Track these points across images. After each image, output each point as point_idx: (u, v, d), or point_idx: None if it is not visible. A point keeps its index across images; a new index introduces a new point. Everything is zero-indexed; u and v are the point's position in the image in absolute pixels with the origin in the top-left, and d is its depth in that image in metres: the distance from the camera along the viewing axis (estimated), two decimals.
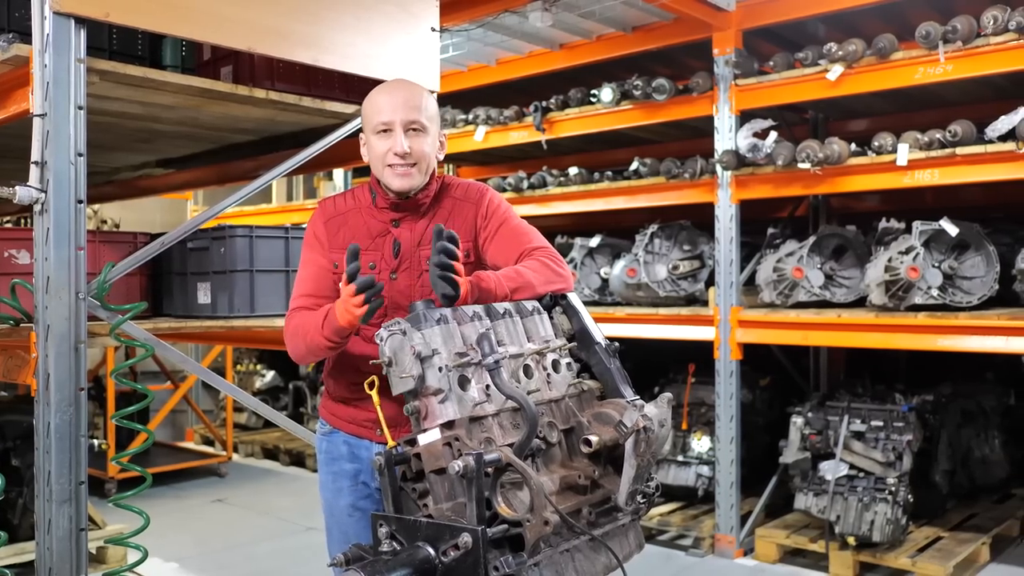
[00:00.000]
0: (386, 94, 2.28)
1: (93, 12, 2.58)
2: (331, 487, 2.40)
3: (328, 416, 2.44)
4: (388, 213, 2.30)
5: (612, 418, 1.94)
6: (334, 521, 2.40)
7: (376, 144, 2.26)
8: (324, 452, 2.43)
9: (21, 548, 4.32)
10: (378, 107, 2.26)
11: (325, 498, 2.43)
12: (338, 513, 2.39)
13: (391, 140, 2.23)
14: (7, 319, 2.94)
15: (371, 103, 2.29)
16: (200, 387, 8.47)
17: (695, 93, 5.06)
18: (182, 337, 4.38)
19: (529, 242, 2.30)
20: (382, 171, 2.26)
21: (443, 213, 2.31)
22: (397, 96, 2.26)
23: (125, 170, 4.73)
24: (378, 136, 2.25)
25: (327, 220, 2.33)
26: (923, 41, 4.19)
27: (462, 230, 2.27)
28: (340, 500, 2.38)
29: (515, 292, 2.14)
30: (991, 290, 4.37)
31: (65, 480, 2.58)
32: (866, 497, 4.56)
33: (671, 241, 5.46)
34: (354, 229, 2.30)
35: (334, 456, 2.40)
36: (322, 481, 2.45)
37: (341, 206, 2.35)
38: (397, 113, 2.23)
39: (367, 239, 2.27)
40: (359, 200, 2.35)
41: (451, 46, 5.45)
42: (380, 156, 2.25)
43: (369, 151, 2.30)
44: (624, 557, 1.95)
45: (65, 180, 2.58)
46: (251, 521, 5.86)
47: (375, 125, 2.26)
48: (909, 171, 4.36)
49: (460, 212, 2.32)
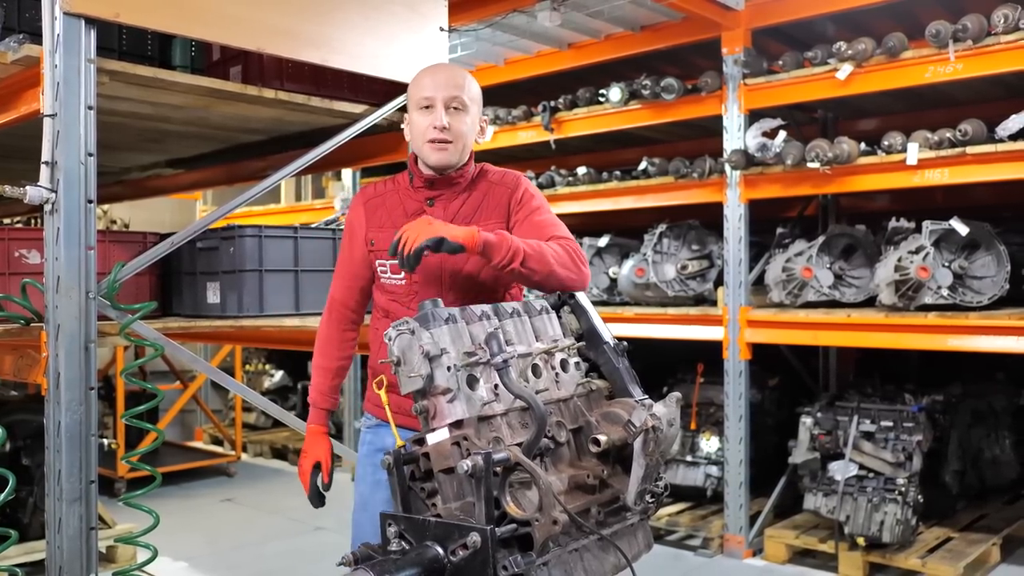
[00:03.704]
0: (430, 73, 2.36)
1: (103, 12, 2.60)
2: (370, 480, 2.41)
3: (374, 409, 2.46)
4: (424, 192, 2.36)
5: (621, 417, 1.93)
6: (366, 516, 2.39)
7: (418, 120, 2.32)
8: (367, 444, 2.46)
9: (32, 547, 4.34)
10: (421, 84, 2.33)
11: (361, 492, 2.45)
12: (372, 507, 2.35)
13: (432, 116, 2.29)
14: (18, 318, 2.95)
15: (415, 82, 2.36)
16: (209, 387, 8.49)
17: (704, 92, 5.04)
18: (192, 337, 4.39)
19: (554, 227, 2.33)
20: (421, 146, 2.32)
21: (478, 195, 2.36)
22: (440, 75, 2.34)
23: (135, 170, 4.75)
24: (420, 112, 2.31)
25: (366, 202, 2.43)
26: (933, 40, 4.17)
27: (496, 212, 2.33)
28: (378, 493, 2.37)
29: (528, 258, 2.10)
30: (1002, 290, 4.35)
31: (75, 479, 2.59)
32: (876, 498, 4.54)
33: (680, 241, 5.45)
34: (391, 208, 2.38)
35: (378, 447, 2.40)
36: (359, 475, 2.47)
37: (380, 189, 2.44)
38: (439, 90, 2.29)
39: (402, 217, 2.33)
40: (398, 183, 2.43)
41: (459, 46, 5.45)
42: (421, 131, 2.31)
43: (411, 128, 2.37)
44: (633, 557, 1.94)
45: (75, 180, 2.60)
46: (260, 521, 5.87)
47: (418, 100, 2.32)
48: (919, 170, 4.34)
49: (495, 194, 2.36)
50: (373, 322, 2.44)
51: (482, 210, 2.33)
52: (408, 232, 2.06)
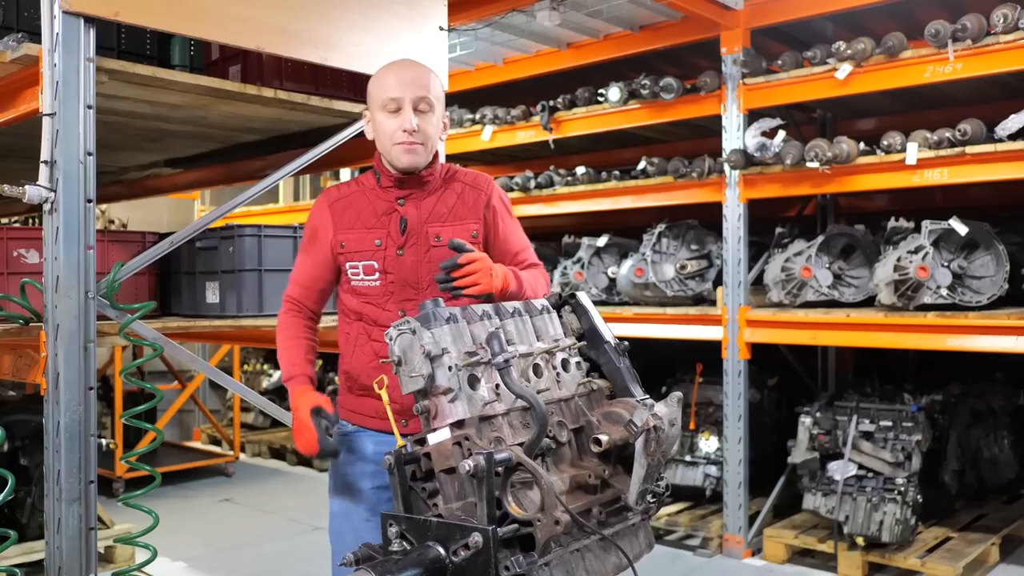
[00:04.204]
0: (394, 71, 2.28)
1: (103, 11, 2.59)
2: (350, 491, 2.33)
3: (349, 415, 2.36)
4: (393, 192, 2.32)
5: (622, 417, 1.93)
6: (349, 526, 2.31)
7: (384, 121, 2.27)
8: (344, 454, 2.34)
9: (30, 547, 4.33)
10: (386, 84, 2.26)
11: (341, 503, 2.34)
12: (355, 517, 2.31)
13: (400, 118, 2.24)
14: (17, 318, 2.94)
15: (379, 81, 2.29)
16: (207, 387, 8.48)
17: (703, 92, 5.04)
18: (191, 337, 4.38)
19: (525, 247, 2.44)
20: (389, 149, 2.27)
21: (451, 195, 2.35)
22: (406, 74, 2.27)
23: (133, 169, 4.74)
24: (386, 114, 2.26)
25: (332, 203, 2.35)
26: (932, 40, 4.17)
27: (472, 214, 2.34)
28: (359, 503, 2.31)
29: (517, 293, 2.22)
30: (1001, 290, 4.35)
31: (75, 479, 2.59)
32: (875, 497, 4.55)
33: (678, 241, 5.45)
34: (359, 209, 2.32)
35: (358, 457, 2.33)
36: (337, 486, 2.36)
37: (345, 190, 2.37)
38: (406, 91, 2.24)
39: (372, 218, 2.30)
40: (363, 183, 2.37)
41: (458, 45, 5.45)
42: (388, 133, 2.26)
43: (376, 129, 2.31)
44: (634, 557, 1.94)
45: (74, 179, 2.59)
46: (258, 521, 5.87)
47: (383, 102, 2.25)
48: (918, 170, 4.34)
49: (469, 197, 2.36)
50: (343, 325, 2.38)
51: (456, 211, 2.33)
52: (479, 273, 2.09)
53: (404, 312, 2.25)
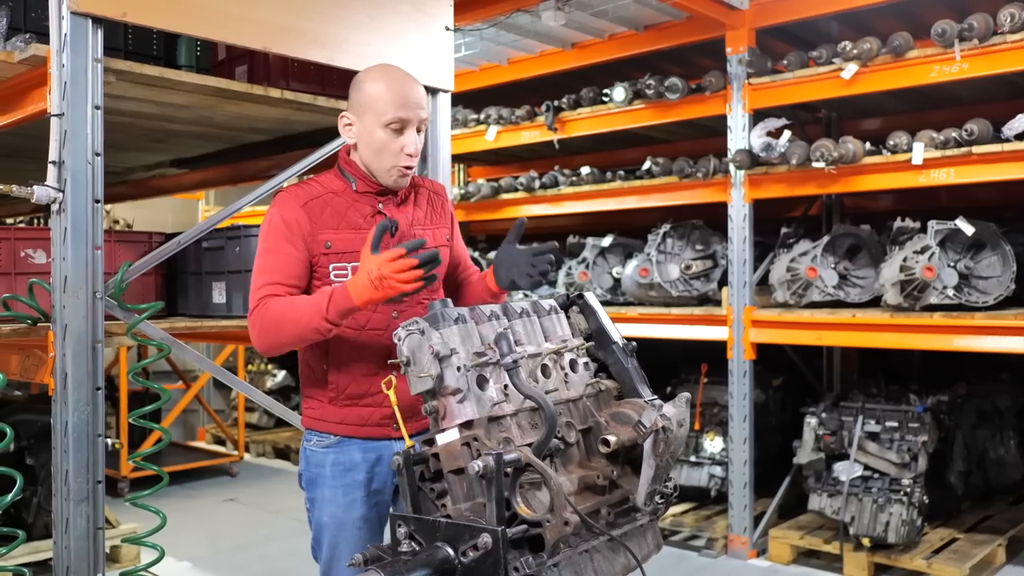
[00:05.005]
0: (399, 89, 2.21)
1: (110, 12, 2.59)
2: (341, 502, 2.25)
3: (332, 426, 2.27)
4: (372, 198, 2.29)
5: (630, 418, 1.93)
6: (343, 536, 2.26)
7: (384, 137, 2.20)
8: (332, 465, 2.26)
9: (36, 547, 4.34)
10: (394, 101, 2.19)
11: (333, 515, 2.27)
12: (349, 527, 2.26)
13: (404, 138, 2.21)
14: (24, 318, 2.95)
15: (384, 96, 2.19)
16: (212, 386, 8.49)
17: (708, 92, 5.04)
18: (198, 337, 4.39)
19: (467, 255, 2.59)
20: (386, 168, 2.23)
21: (423, 202, 2.40)
22: (411, 93, 2.22)
23: (139, 170, 4.74)
24: (388, 131, 2.20)
25: (304, 204, 2.22)
26: (939, 39, 4.17)
27: (442, 217, 2.43)
28: (352, 513, 2.26)
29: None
30: (1007, 290, 4.34)
31: (82, 479, 2.59)
32: (881, 498, 4.54)
33: (684, 241, 5.44)
34: (340, 210, 2.24)
35: (347, 468, 2.25)
36: (327, 498, 2.27)
37: (314, 191, 2.25)
38: (415, 111, 2.21)
39: (359, 219, 2.25)
40: (330, 186, 2.28)
41: (463, 45, 5.45)
42: (389, 152, 2.21)
43: (370, 141, 2.22)
44: (643, 558, 1.94)
45: (82, 179, 2.59)
46: (263, 520, 5.87)
47: (389, 118, 2.18)
48: (924, 170, 4.33)
49: (437, 203, 2.44)
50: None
51: (430, 216, 2.38)
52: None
53: (396, 315, 2.24)
